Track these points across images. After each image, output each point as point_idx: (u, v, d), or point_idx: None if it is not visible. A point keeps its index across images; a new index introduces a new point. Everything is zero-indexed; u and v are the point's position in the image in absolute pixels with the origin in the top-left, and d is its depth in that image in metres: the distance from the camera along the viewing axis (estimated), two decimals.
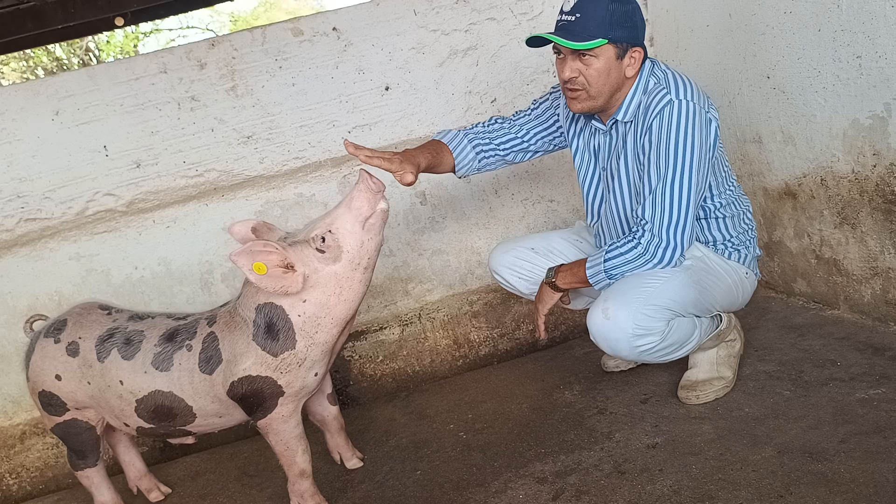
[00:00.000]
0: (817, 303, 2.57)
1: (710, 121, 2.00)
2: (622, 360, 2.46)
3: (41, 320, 2.17)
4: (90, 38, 11.73)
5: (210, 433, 2.12)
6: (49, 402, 2.07)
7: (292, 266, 1.79)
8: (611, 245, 2.03)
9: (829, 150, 2.30)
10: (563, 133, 2.34)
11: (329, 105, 2.81)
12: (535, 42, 2.01)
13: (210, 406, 1.94)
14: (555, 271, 2.14)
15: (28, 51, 10.82)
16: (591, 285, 2.07)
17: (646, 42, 2.99)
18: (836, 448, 1.74)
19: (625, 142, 2.10)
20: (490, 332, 2.97)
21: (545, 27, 2.75)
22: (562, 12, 1.99)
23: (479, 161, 2.32)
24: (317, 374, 1.93)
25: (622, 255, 1.99)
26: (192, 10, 4.00)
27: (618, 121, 2.10)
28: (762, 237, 2.74)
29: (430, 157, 2.14)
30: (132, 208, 2.73)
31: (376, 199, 1.84)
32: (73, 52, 12.25)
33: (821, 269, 2.50)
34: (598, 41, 1.92)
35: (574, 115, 2.26)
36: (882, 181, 2.14)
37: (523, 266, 2.36)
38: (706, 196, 2.12)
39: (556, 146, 2.39)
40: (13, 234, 2.67)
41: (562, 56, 2.01)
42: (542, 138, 2.36)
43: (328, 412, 2.22)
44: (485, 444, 2.22)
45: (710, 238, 2.18)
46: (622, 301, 1.93)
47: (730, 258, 2.18)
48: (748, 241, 2.21)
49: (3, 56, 9.57)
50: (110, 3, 3.09)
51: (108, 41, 12.48)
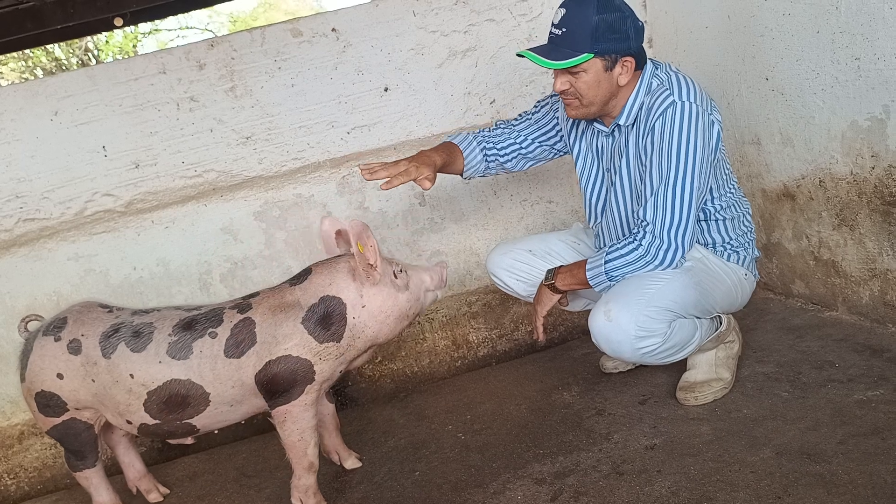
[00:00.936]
0: (815, 304, 2.57)
1: (713, 123, 2.00)
2: (621, 361, 2.46)
3: (36, 321, 2.15)
4: (89, 38, 11.73)
5: (209, 434, 2.12)
6: (47, 403, 2.04)
7: (374, 266, 1.95)
8: (611, 247, 2.03)
9: (828, 151, 2.30)
10: (563, 137, 2.35)
11: (328, 106, 2.81)
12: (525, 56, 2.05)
13: (228, 392, 1.96)
14: (554, 273, 2.14)
15: (27, 51, 10.81)
16: (590, 287, 2.07)
17: (644, 44, 3.03)
18: (835, 449, 1.74)
19: (627, 143, 2.10)
20: (489, 332, 2.97)
21: (544, 28, 2.74)
22: (552, 24, 2.01)
23: (486, 163, 2.37)
24: (340, 371, 2.03)
25: (623, 256, 1.99)
26: (191, 11, 4.00)
27: (620, 125, 2.10)
28: (760, 239, 2.74)
29: (444, 156, 2.21)
30: (131, 209, 2.73)
31: (439, 286, 2.15)
32: (72, 52, 12.25)
33: (819, 270, 2.50)
34: (583, 56, 1.93)
35: (575, 121, 2.27)
36: (880, 183, 2.14)
37: (521, 268, 2.36)
38: (707, 198, 2.12)
39: (556, 152, 2.40)
40: (12, 234, 2.67)
41: (551, 70, 2.06)
42: (542, 144, 2.37)
43: (327, 409, 2.23)
44: (483, 445, 2.22)
45: (711, 240, 2.18)
46: (624, 303, 1.93)
47: (729, 260, 2.18)
48: (747, 244, 2.21)
49: (2, 56, 9.56)
50: (109, 4, 3.09)
51: (107, 41, 12.49)
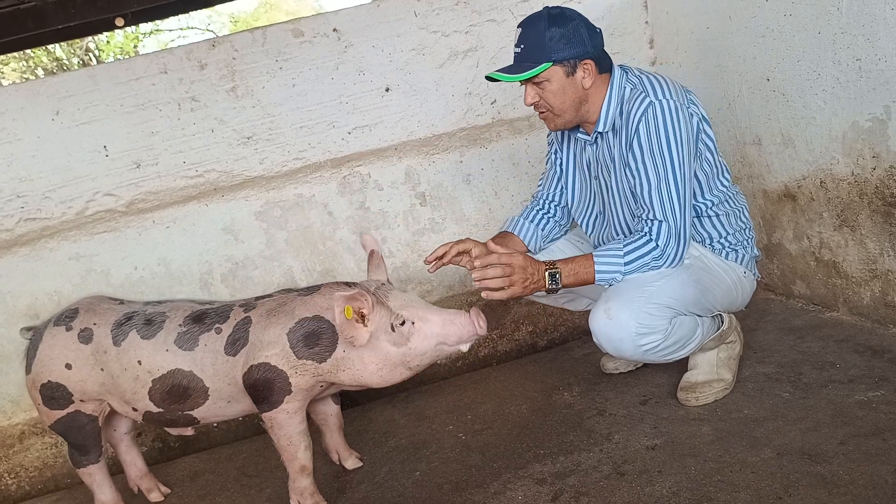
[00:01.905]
0: (816, 305, 2.57)
1: (692, 115, 2.06)
2: (622, 362, 2.46)
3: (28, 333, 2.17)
4: (90, 38, 11.73)
5: (208, 429, 2.13)
6: (52, 395, 2.06)
7: (366, 319, 1.85)
8: (626, 247, 2.00)
9: (829, 152, 2.30)
10: (560, 156, 2.37)
11: (329, 106, 2.81)
12: (495, 78, 2.10)
13: (225, 389, 1.97)
14: (559, 278, 2.01)
15: (28, 51, 10.82)
16: (591, 284, 2.06)
17: (646, 44, 3.04)
18: (836, 450, 1.74)
19: (612, 149, 2.12)
20: (489, 333, 2.96)
21: None
22: (514, 46, 2.09)
23: (554, 221, 2.40)
24: (322, 386, 1.99)
25: (642, 257, 1.99)
26: (192, 11, 4.00)
27: (599, 132, 2.13)
28: (761, 239, 2.74)
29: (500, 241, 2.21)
30: (132, 208, 2.73)
31: (468, 339, 1.91)
32: (73, 52, 12.25)
33: (820, 271, 2.50)
34: (541, 66, 2.00)
35: (563, 136, 2.31)
36: (881, 183, 2.14)
37: None
38: (696, 193, 2.13)
39: None
40: (13, 233, 2.67)
41: (522, 86, 2.11)
42: (560, 182, 2.38)
43: (331, 409, 2.24)
44: (484, 446, 2.22)
45: (706, 235, 2.18)
46: (624, 300, 1.94)
47: (727, 258, 2.18)
48: (745, 241, 2.21)
49: (3, 56, 9.56)
50: (110, 4, 3.09)
51: (107, 42, 12.48)
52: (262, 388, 1.92)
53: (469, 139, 2.94)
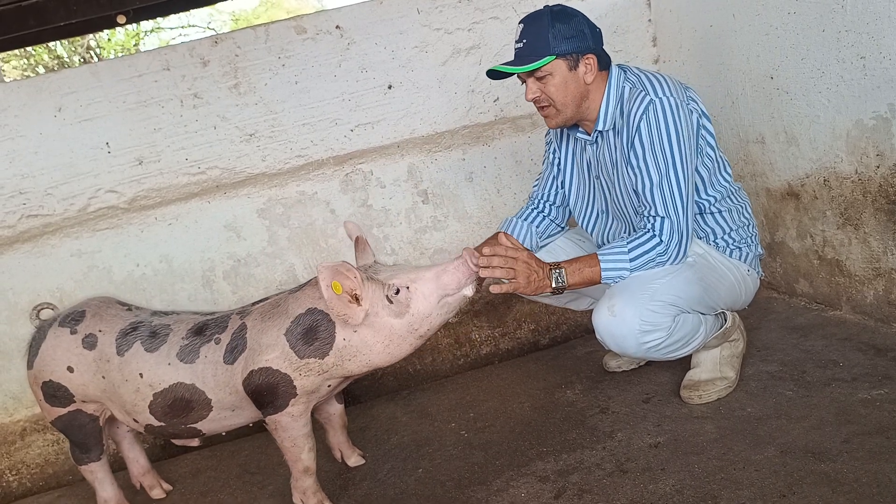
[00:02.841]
0: (819, 303, 2.57)
1: (692, 112, 2.06)
2: (624, 360, 2.46)
3: (48, 308, 2.15)
4: (91, 35, 11.73)
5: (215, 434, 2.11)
6: (54, 394, 2.05)
7: (359, 299, 1.79)
8: (630, 244, 2.00)
9: (833, 150, 2.30)
10: (558, 156, 2.37)
11: (332, 103, 2.81)
12: (497, 74, 2.11)
13: (227, 398, 1.94)
14: (564, 278, 2.00)
15: (29, 48, 10.82)
16: (598, 283, 2.06)
17: (649, 42, 3.03)
18: (839, 448, 1.74)
19: (612, 149, 2.12)
20: (491, 331, 2.97)
21: None
22: (515, 42, 2.09)
23: (550, 220, 2.41)
24: (330, 386, 1.95)
25: (646, 253, 1.99)
26: (193, 9, 3.99)
27: (599, 131, 2.14)
28: (764, 237, 2.74)
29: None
30: (134, 205, 2.73)
31: (467, 282, 1.85)
32: (74, 49, 12.25)
33: (823, 269, 2.50)
34: (545, 59, 2.01)
35: (562, 134, 2.31)
36: (885, 182, 2.14)
37: None
38: (699, 189, 2.13)
39: None
40: (15, 230, 2.67)
41: (524, 82, 2.10)
42: (560, 185, 2.38)
43: (335, 409, 2.23)
44: (486, 443, 2.22)
45: (709, 231, 2.18)
46: (628, 298, 1.94)
47: (731, 256, 2.18)
48: (749, 239, 2.21)
49: (4, 53, 9.56)
50: (112, 1, 3.10)
51: (109, 39, 12.48)
52: (264, 393, 1.88)
53: (472, 137, 2.94)
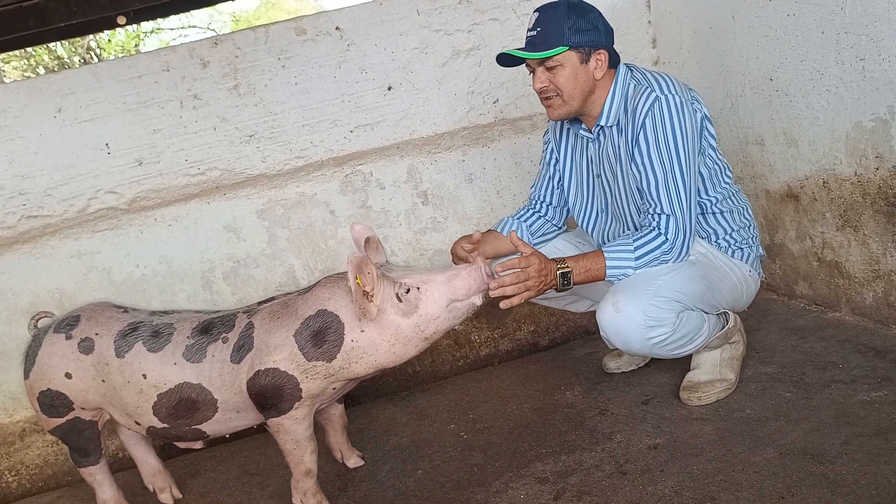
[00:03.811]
0: (819, 305, 2.57)
1: (696, 111, 2.07)
2: (624, 361, 2.46)
3: (47, 318, 2.12)
4: (92, 36, 11.73)
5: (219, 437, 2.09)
6: (52, 403, 2.01)
7: (371, 296, 1.80)
8: (636, 241, 2.00)
9: (832, 152, 2.30)
10: (556, 157, 2.37)
11: (331, 104, 2.81)
12: (506, 61, 2.11)
13: (233, 399, 1.91)
14: (570, 277, 1.99)
15: (30, 49, 10.82)
16: (602, 280, 2.06)
17: (648, 44, 3.04)
18: (838, 450, 1.74)
19: (616, 145, 2.12)
20: (491, 332, 2.97)
21: None
22: (528, 29, 2.08)
23: (546, 220, 2.43)
24: (335, 389, 1.95)
25: (652, 251, 1.99)
26: (193, 10, 4.00)
27: (602, 126, 2.13)
28: (764, 239, 2.74)
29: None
30: (134, 206, 2.73)
31: (478, 290, 1.85)
32: (74, 50, 12.25)
33: (822, 271, 2.50)
34: (559, 49, 2.00)
35: (562, 132, 2.31)
36: (885, 184, 2.14)
37: None
38: (700, 189, 2.14)
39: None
40: (15, 231, 2.67)
41: (532, 70, 2.10)
42: (557, 185, 2.40)
43: (335, 409, 2.23)
44: (486, 444, 2.22)
45: (711, 231, 2.19)
46: (632, 294, 1.95)
47: (733, 256, 2.18)
48: (750, 239, 2.22)
49: (4, 54, 9.56)
50: (112, 2, 3.09)
51: (109, 40, 12.49)
52: (269, 395, 1.86)
53: (471, 138, 2.94)
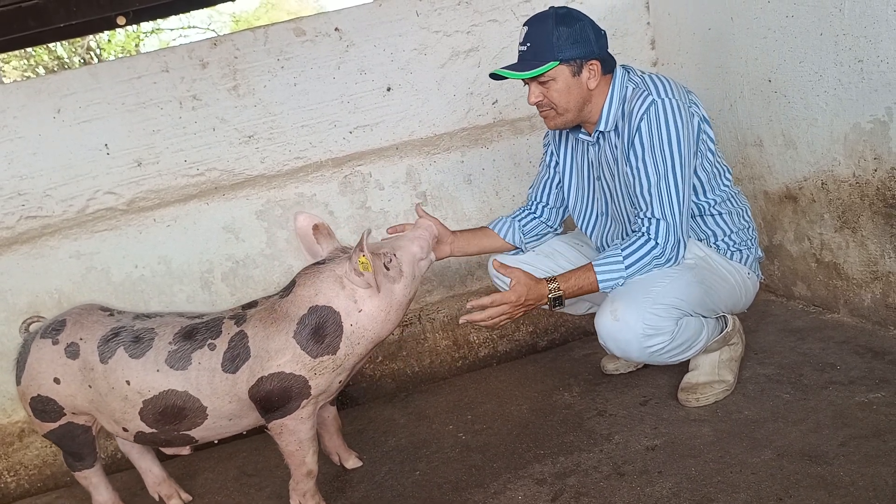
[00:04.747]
0: (817, 306, 2.57)
1: (693, 115, 2.06)
2: (622, 362, 2.46)
3: (38, 322, 2.10)
4: (91, 37, 11.74)
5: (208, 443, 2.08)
6: (43, 409, 2.00)
7: (374, 267, 1.86)
8: (624, 248, 2.00)
9: (830, 154, 2.30)
10: (556, 160, 2.37)
11: (331, 105, 2.81)
12: (499, 76, 2.10)
13: (226, 407, 1.90)
14: (563, 298, 2.00)
15: (29, 49, 10.82)
16: (597, 291, 2.07)
17: (647, 45, 3.04)
18: (836, 451, 1.74)
19: (614, 148, 2.12)
20: (489, 333, 2.96)
21: None
22: (519, 44, 2.09)
23: (544, 223, 2.43)
24: (340, 382, 1.96)
25: (642, 258, 1.99)
26: (193, 10, 4.00)
27: (601, 131, 2.13)
28: (762, 240, 2.74)
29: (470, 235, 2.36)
30: (133, 207, 2.73)
31: (427, 250, 2.05)
32: (74, 51, 12.26)
33: (821, 272, 2.50)
34: (548, 65, 2.00)
35: (562, 135, 2.31)
36: (883, 185, 2.14)
37: (525, 269, 2.35)
38: (698, 192, 2.13)
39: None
40: (13, 231, 2.67)
41: (526, 84, 2.10)
42: (555, 186, 2.40)
43: (328, 412, 2.22)
44: (484, 445, 2.22)
45: (709, 232, 2.18)
46: (630, 301, 1.94)
47: (731, 258, 2.18)
48: (749, 241, 2.22)
49: (4, 54, 9.56)
50: (112, 2, 3.09)
51: (109, 40, 12.50)
52: (276, 398, 1.86)
53: (470, 139, 2.94)
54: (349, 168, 2.86)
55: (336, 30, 2.78)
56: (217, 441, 2.08)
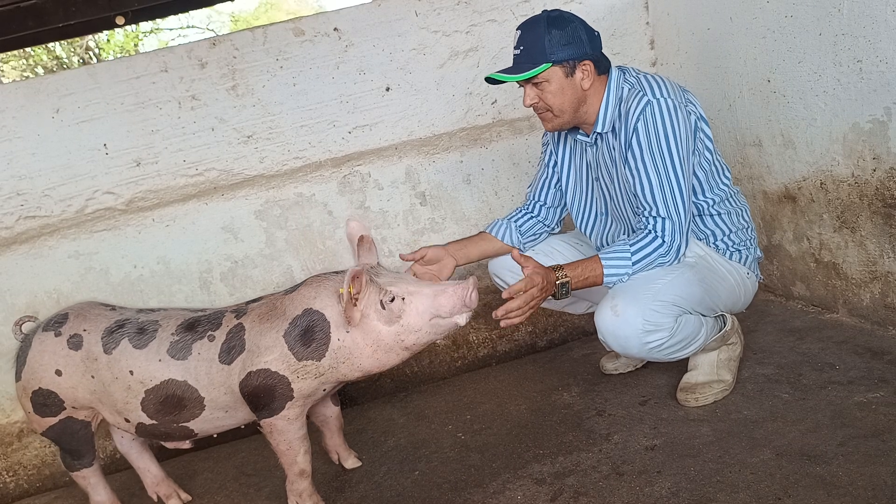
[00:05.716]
0: (816, 306, 2.57)
1: (689, 114, 2.07)
2: (621, 362, 2.47)
3: (30, 322, 2.12)
4: (90, 37, 11.73)
5: (208, 437, 2.09)
6: (44, 402, 2.02)
7: (356, 300, 1.81)
8: (633, 245, 2.01)
9: (829, 153, 2.30)
10: (554, 159, 2.38)
11: (330, 105, 2.81)
12: (494, 80, 2.11)
13: (221, 398, 1.93)
14: (569, 286, 2.01)
15: (28, 49, 10.81)
16: (600, 285, 2.07)
17: (646, 45, 3.04)
18: (835, 451, 1.74)
19: (612, 149, 2.13)
20: (489, 333, 2.97)
21: None
22: (513, 48, 2.10)
23: (542, 223, 2.42)
24: (325, 389, 1.96)
25: (648, 255, 2.00)
26: (192, 10, 4.00)
27: (599, 132, 2.14)
28: (761, 240, 2.74)
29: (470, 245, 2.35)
30: (132, 207, 2.73)
31: (462, 309, 1.84)
32: (73, 51, 12.24)
33: (820, 272, 2.50)
34: (541, 67, 2.02)
35: (560, 136, 2.32)
36: (882, 185, 2.14)
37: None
38: (697, 191, 2.14)
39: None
40: (12, 231, 2.67)
41: (521, 86, 2.12)
42: (553, 186, 2.40)
43: (331, 412, 2.23)
44: (483, 445, 2.22)
45: (709, 232, 2.19)
46: (631, 298, 1.95)
47: (731, 258, 2.19)
48: (748, 241, 2.22)
49: (3, 54, 9.55)
50: (111, 2, 3.09)
51: (108, 40, 12.48)
52: (262, 395, 1.88)
53: (469, 139, 2.94)
54: (348, 168, 2.86)
55: (335, 30, 2.77)
56: (216, 435, 2.09)
